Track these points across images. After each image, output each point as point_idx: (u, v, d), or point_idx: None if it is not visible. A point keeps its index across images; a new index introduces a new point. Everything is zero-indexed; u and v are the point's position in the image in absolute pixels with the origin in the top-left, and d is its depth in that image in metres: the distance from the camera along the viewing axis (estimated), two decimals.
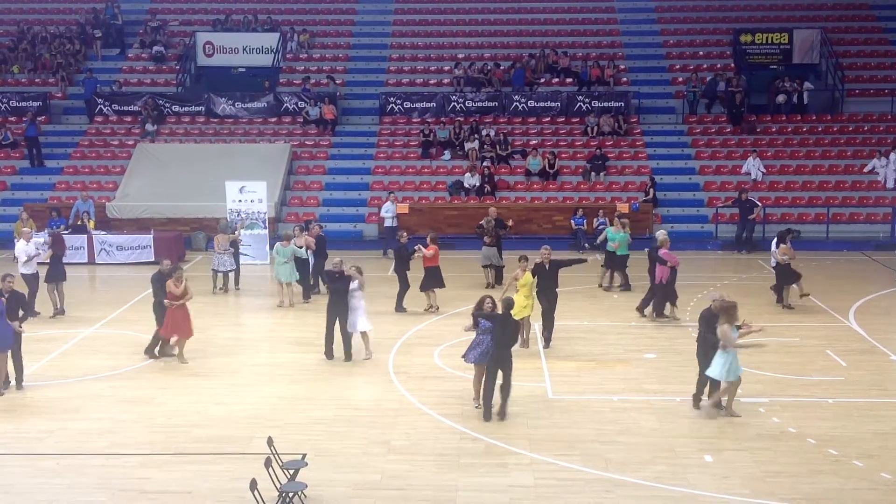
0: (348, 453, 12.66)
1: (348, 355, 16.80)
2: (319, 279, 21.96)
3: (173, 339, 16.90)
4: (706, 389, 14.28)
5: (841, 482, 11.78)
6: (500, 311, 14.30)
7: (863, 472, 12.10)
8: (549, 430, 13.51)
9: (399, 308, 20.65)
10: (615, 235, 22.49)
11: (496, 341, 13.84)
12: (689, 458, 12.50)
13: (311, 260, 21.86)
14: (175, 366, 16.69)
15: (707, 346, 14.11)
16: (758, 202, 28.44)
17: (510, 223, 25.28)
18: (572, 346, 17.74)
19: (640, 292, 20.79)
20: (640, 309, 20.03)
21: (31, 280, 20.02)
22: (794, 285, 20.87)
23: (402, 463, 12.35)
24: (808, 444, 12.97)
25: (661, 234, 20.39)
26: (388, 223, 27.44)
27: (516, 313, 17.45)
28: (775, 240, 21.19)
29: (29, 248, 20.13)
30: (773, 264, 21.30)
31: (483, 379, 14.01)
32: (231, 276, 22.94)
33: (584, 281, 23.39)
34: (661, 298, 19.69)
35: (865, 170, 31.08)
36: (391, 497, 11.39)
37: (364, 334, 16.89)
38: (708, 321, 14.15)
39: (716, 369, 13.84)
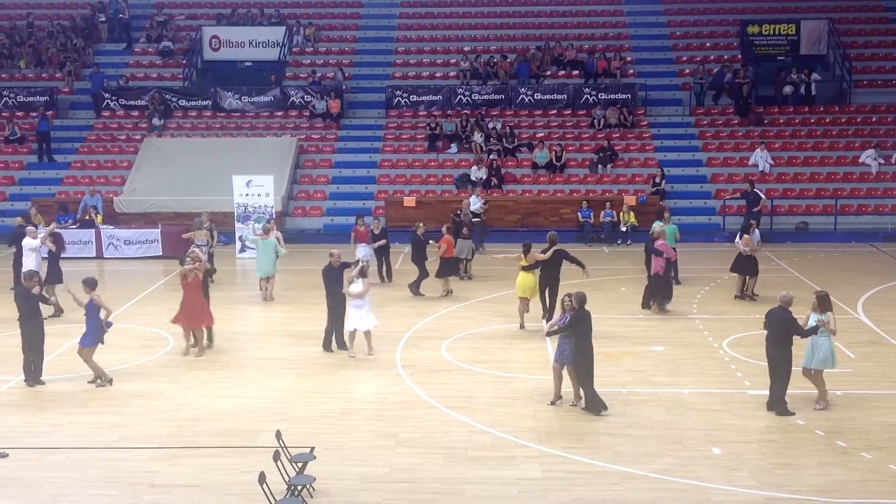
0: (356, 446, 12.68)
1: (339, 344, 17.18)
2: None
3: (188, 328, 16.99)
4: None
5: (849, 474, 11.76)
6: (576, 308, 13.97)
7: (871, 463, 12.08)
8: (557, 422, 13.51)
9: (416, 293, 21.07)
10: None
11: (578, 338, 13.70)
12: (697, 451, 12.49)
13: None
14: (183, 360, 16.72)
15: (785, 344, 13.65)
16: (763, 194, 28.35)
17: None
18: None
19: (690, 286, 20.76)
20: (644, 305, 20.00)
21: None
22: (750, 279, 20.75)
23: (410, 456, 12.36)
24: (817, 436, 12.95)
25: (657, 225, 20.54)
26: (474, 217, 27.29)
27: (520, 293, 18.38)
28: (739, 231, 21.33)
29: (34, 242, 20.17)
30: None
31: (569, 377, 14.07)
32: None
33: (591, 274, 23.34)
34: (657, 291, 19.67)
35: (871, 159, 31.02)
36: (399, 490, 11.40)
37: (353, 332, 16.86)
38: (782, 318, 13.66)
39: (827, 359, 13.86)
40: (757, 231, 21.64)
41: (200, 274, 17.06)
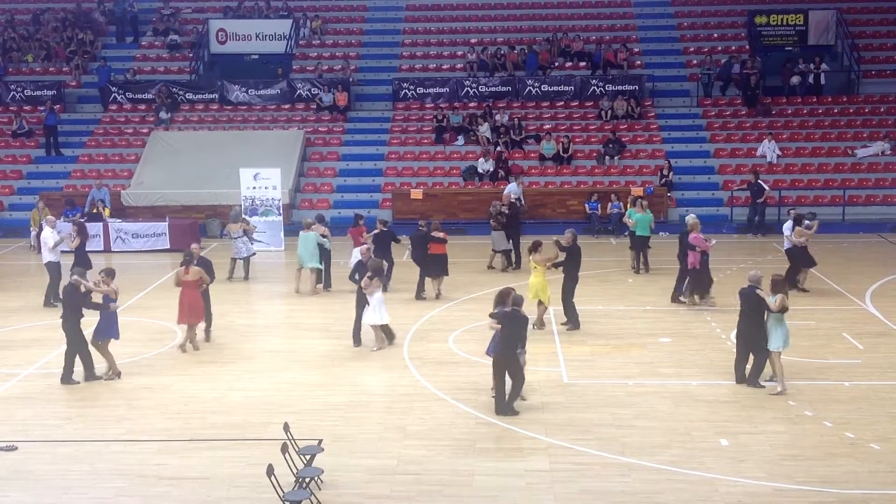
0: (364, 439, 12.70)
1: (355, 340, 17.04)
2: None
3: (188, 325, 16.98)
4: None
5: (857, 465, 11.75)
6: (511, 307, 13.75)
7: (879, 454, 12.07)
8: (565, 414, 13.51)
9: (420, 296, 20.60)
10: (636, 216, 22.39)
11: (501, 338, 13.52)
12: (704, 442, 12.49)
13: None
14: (191, 353, 16.76)
15: (758, 320, 14.30)
16: (766, 186, 28.20)
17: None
18: (587, 331, 17.72)
19: (662, 275, 20.69)
20: (675, 297, 19.77)
21: (54, 268, 20.07)
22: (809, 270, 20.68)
23: (418, 448, 12.38)
24: (825, 427, 12.94)
25: (690, 218, 19.97)
26: None
27: (533, 296, 17.60)
28: (790, 222, 20.84)
29: (54, 235, 20.16)
30: (787, 247, 20.87)
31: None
32: (241, 263, 22.80)
33: (598, 266, 23.37)
34: (694, 284, 19.41)
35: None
36: (407, 482, 11.42)
37: (374, 327, 16.88)
38: (752, 296, 14.32)
39: (779, 340, 14.22)
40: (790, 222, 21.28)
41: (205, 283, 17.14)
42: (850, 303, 19.78)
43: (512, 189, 27.96)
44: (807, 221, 20.85)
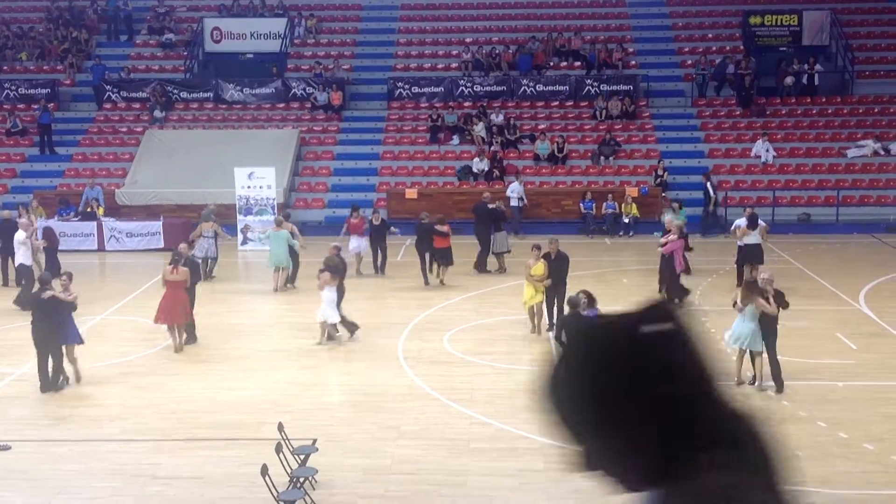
0: (358, 438, 12.69)
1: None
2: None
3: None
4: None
5: (851, 465, 11.77)
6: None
7: (873, 455, 12.08)
8: None
9: (428, 282, 21.15)
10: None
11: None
12: None
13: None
14: (185, 352, 16.73)
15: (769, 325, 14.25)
16: (711, 191, 28.05)
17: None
18: None
19: (692, 278, 20.95)
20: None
21: (27, 272, 19.85)
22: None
23: (413, 448, 12.38)
24: (819, 428, 12.95)
25: (665, 218, 20.27)
26: (513, 203, 27.53)
27: (527, 300, 17.56)
28: (743, 220, 20.81)
29: (18, 236, 20.00)
30: (740, 244, 20.72)
31: None
32: (210, 262, 22.69)
33: (593, 266, 23.37)
34: (674, 288, 19.36)
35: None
36: (402, 482, 11.42)
37: (321, 324, 16.96)
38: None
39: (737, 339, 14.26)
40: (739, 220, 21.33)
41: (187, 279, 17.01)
42: (844, 303, 19.81)
43: (514, 188, 27.96)
44: (738, 222, 20.81)
